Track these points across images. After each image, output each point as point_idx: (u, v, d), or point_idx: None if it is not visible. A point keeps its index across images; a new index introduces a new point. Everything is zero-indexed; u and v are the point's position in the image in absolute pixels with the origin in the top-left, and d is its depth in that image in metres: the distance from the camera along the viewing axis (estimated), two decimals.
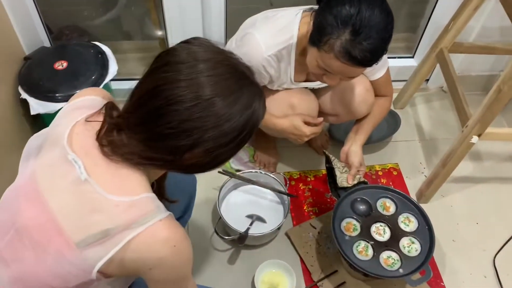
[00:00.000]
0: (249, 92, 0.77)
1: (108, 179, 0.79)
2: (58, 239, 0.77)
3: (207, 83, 0.73)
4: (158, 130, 0.75)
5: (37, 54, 1.65)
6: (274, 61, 1.34)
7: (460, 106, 1.53)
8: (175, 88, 0.73)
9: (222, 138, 0.76)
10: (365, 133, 1.49)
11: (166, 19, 1.69)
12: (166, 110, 0.74)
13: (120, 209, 0.76)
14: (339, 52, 1.12)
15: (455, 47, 1.71)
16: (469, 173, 1.82)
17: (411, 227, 1.40)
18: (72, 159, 0.79)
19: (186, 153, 0.77)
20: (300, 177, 1.75)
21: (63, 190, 0.79)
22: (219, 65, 0.76)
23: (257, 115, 0.79)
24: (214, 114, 0.74)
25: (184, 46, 0.78)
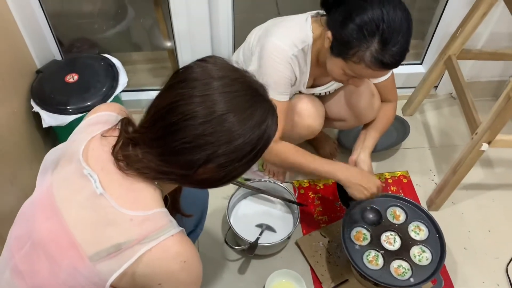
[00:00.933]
0: (262, 109, 0.79)
1: (123, 194, 0.80)
2: (72, 252, 0.78)
3: (221, 99, 0.75)
4: (173, 145, 0.77)
5: (49, 67, 1.67)
6: (298, 61, 1.32)
7: (469, 113, 1.52)
8: (190, 104, 0.75)
9: (235, 154, 0.78)
10: (373, 141, 1.49)
11: (175, 30, 1.71)
12: (181, 125, 0.75)
13: (133, 223, 0.78)
14: (370, 62, 1.13)
15: (463, 54, 1.71)
16: (480, 180, 1.81)
17: (422, 235, 1.39)
18: (87, 174, 0.81)
19: (200, 168, 0.78)
20: (309, 186, 1.75)
21: (79, 204, 0.81)
22: (233, 83, 0.77)
23: (270, 132, 0.81)
24: (227, 130, 0.75)
25: (200, 64, 0.80)
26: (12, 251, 0.87)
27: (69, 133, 1.61)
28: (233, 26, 1.74)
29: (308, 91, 1.47)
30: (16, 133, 1.52)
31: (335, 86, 1.49)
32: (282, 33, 1.31)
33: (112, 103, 0.97)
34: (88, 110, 1.50)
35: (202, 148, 0.76)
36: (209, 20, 1.68)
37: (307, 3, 1.30)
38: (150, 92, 1.94)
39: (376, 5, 1.10)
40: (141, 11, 2.11)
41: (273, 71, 1.30)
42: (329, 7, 1.22)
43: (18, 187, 1.50)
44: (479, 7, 1.54)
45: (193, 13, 1.64)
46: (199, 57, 1.83)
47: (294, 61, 1.31)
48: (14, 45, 1.55)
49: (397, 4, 1.11)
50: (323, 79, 1.46)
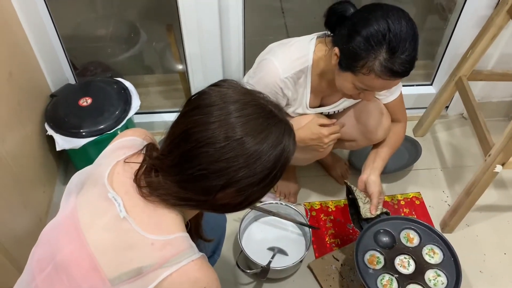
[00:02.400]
0: (278, 130, 0.79)
1: (145, 218, 0.81)
2: (93, 275, 0.79)
3: (236, 124, 0.76)
4: (190, 171, 0.78)
5: (63, 91, 1.70)
6: (291, 84, 1.36)
7: (482, 135, 1.51)
8: (205, 130, 0.76)
9: (254, 177, 0.78)
10: (383, 161, 1.49)
11: (187, 53, 1.73)
12: (197, 152, 0.76)
13: (155, 247, 0.78)
14: (380, 71, 1.15)
15: (474, 75, 1.71)
16: (494, 202, 1.79)
17: (436, 259, 1.37)
18: (112, 197, 0.82)
19: (219, 193, 0.79)
20: (321, 207, 1.74)
21: (102, 227, 0.81)
22: (247, 106, 0.78)
23: (288, 151, 0.81)
24: (244, 154, 0.76)
25: (213, 89, 0.81)
26: (33, 273, 0.87)
27: (82, 156, 1.65)
28: (243, 49, 1.76)
29: (314, 111, 1.47)
30: (30, 156, 1.54)
31: (344, 105, 1.50)
32: (281, 53, 1.35)
33: (138, 129, 0.99)
34: (101, 133, 1.55)
35: (220, 174, 0.76)
36: (220, 44, 1.71)
37: (316, 26, 1.32)
38: (162, 114, 1.95)
39: (380, 17, 1.13)
40: (153, 35, 2.15)
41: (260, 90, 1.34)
42: (333, 26, 1.25)
43: (31, 210, 1.51)
44: (489, 29, 1.55)
45: (205, 36, 1.66)
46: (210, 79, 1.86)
47: (287, 84, 1.35)
48: (29, 70, 1.59)
49: (401, 15, 1.14)
50: (331, 98, 1.47)
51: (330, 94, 1.45)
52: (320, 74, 1.36)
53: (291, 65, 1.34)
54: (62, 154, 1.72)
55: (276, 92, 1.36)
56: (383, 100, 1.50)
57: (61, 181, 1.77)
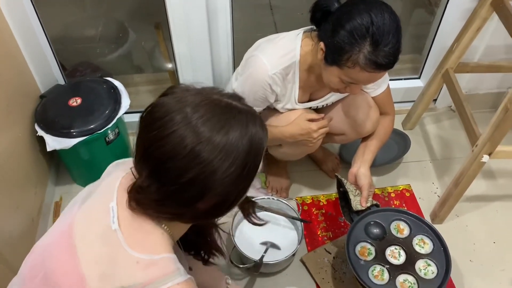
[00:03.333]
0: (239, 121, 0.76)
1: (132, 233, 0.80)
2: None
3: (193, 129, 0.73)
4: (162, 189, 0.76)
5: (52, 92, 1.70)
6: (280, 80, 1.37)
7: (469, 126, 1.53)
8: (163, 146, 0.73)
9: (229, 177, 0.75)
10: (372, 154, 1.50)
11: (175, 52, 1.74)
12: (162, 169, 0.75)
13: (139, 266, 0.77)
14: (365, 64, 1.16)
15: (460, 67, 1.73)
16: (482, 192, 1.81)
17: (426, 249, 1.39)
18: (111, 207, 0.82)
19: (198, 202, 0.77)
20: (312, 202, 1.76)
21: (93, 237, 0.81)
22: (199, 107, 0.75)
23: (257, 139, 0.77)
24: (210, 156, 0.73)
25: (160, 102, 0.77)
26: (25, 279, 0.87)
27: (73, 156, 1.65)
28: (232, 46, 1.77)
29: (302, 106, 1.49)
30: (20, 158, 1.54)
31: (332, 99, 1.51)
32: (269, 50, 1.37)
33: None
34: (91, 133, 1.55)
35: (191, 184, 0.74)
36: (209, 41, 1.71)
37: (304, 21, 1.33)
38: None
39: (363, 10, 1.15)
40: (142, 34, 2.16)
41: (249, 88, 1.38)
42: (318, 21, 1.27)
43: (23, 211, 1.51)
44: (474, 21, 1.57)
45: (193, 34, 1.67)
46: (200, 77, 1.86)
47: (275, 80, 1.36)
48: (18, 71, 1.58)
49: (383, 8, 1.16)
50: (320, 92, 1.48)
51: (318, 89, 1.47)
52: (308, 69, 1.38)
53: (279, 61, 1.35)
54: (53, 155, 1.71)
55: (265, 89, 1.38)
56: (371, 93, 1.51)
57: (53, 181, 1.77)
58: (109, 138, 1.63)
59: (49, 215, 1.69)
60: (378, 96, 1.52)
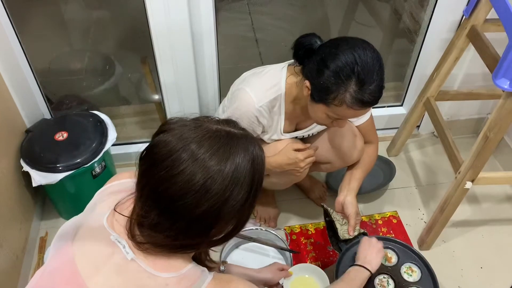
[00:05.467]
0: (241, 147, 0.78)
1: (152, 259, 0.80)
2: None
3: (201, 165, 0.74)
4: (175, 226, 0.77)
5: (38, 126, 1.69)
6: (266, 112, 1.39)
7: (451, 153, 1.56)
8: (174, 184, 0.74)
9: (239, 202, 0.77)
10: (358, 182, 1.52)
11: (162, 83, 1.76)
12: (175, 207, 0.75)
13: (170, 286, 0.78)
14: (351, 103, 1.19)
15: (441, 95, 1.77)
16: (468, 217, 1.83)
17: (415, 277, 1.39)
18: (115, 240, 0.81)
19: (212, 230, 0.79)
20: (301, 231, 1.76)
21: (108, 273, 0.80)
22: (202, 143, 0.75)
23: (259, 158, 0.80)
24: (222, 187, 0.74)
25: (160, 140, 0.77)
26: None
27: (59, 190, 1.64)
28: (218, 77, 1.80)
29: (289, 136, 1.51)
30: (5, 193, 1.52)
31: (317, 128, 1.54)
32: (255, 83, 1.39)
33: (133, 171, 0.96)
34: (78, 167, 1.55)
35: (205, 216, 0.76)
36: (195, 72, 1.74)
37: (289, 53, 1.37)
38: (139, 144, 1.96)
39: (347, 50, 1.17)
40: (128, 67, 2.17)
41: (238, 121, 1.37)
42: (301, 58, 1.30)
43: (7, 247, 1.48)
44: (452, 52, 1.62)
45: (179, 66, 1.69)
46: (186, 108, 1.86)
47: (262, 113, 1.38)
48: (3, 106, 1.58)
49: (366, 46, 1.19)
50: (305, 122, 1.51)
51: (304, 119, 1.49)
52: (293, 101, 1.40)
53: (265, 94, 1.38)
54: (39, 189, 1.69)
55: (252, 121, 1.39)
56: (354, 122, 1.54)
57: (38, 216, 1.75)
58: (96, 172, 1.62)
59: (34, 250, 1.67)
60: (361, 125, 1.55)
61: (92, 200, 0.94)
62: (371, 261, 1.28)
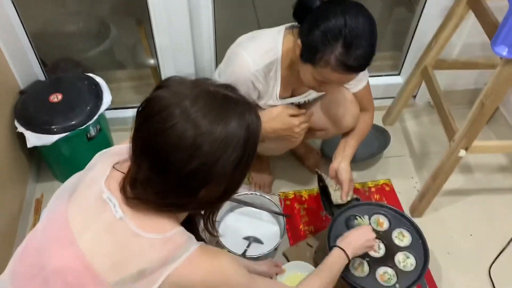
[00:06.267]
0: (237, 111, 0.78)
1: (139, 220, 0.81)
2: (92, 283, 0.78)
3: (194, 121, 0.74)
4: (165, 181, 0.77)
5: (32, 88, 1.68)
6: (262, 77, 1.38)
7: (447, 121, 1.57)
8: (167, 137, 0.74)
9: (230, 164, 0.77)
10: (352, 149, 1.53)
11: (157, 47, 1.73)
12: (166, 161, 0.75)
13: (155, 247, 0.79)
14: (335, 65, 1.18)
15: (439, 64, 1.76)
16: (460, 186, 1.85)
17: (405, 242, 1.42)
18: (107, 198, 0.82)
19: (201, 191, 0.79)
20: (295, 197, 1.78)
21: (97, 231, 0.81)
22: (198, 100, 0.76)
23: (253, 127, 0.80)
24: (214, 146, 0.74)
25: (159, 93, 0.78)
26: (22, 279, 0.84)
27: (54, 152, 1.64)
28: (215, 42, 1.78)
29: (284, 102, 1.50)
30: (0, 154, 1.52)
31: (314, 95, 1.53)
32: (251, 47, 1.37)
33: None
34: (73, 129, 1.54)
35: (195, 174, 0.76)
36: (191, 37, 1.71)
37: (287, 18, 1.35)
38: (135, 109, 1.94)
39: (339, 12, 1.17)
40: (123, 29, 2.14)
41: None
42: (299, 17, 1.29)
43: (3, 209, 1.49)
44: (451, 19, 1.60)
45: (175, 30, 1.67)
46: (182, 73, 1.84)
47: (257, 77, 1.37)
48: None
49: (359, 12, 1.18)
50: (301, 88, 1.50)
51: (300, 85, 1.48)
52: (289, 66, 1.39)
53: (261, 59, 1.36)
54: (34, 152, 1.70)
55: (247, 86, 1.38)
56: (351, 89, 1.53)
57: (34, 178, 1.76)
58: (91, 135, 1.62)
59: (30, 212, 1.68)
60: (358, 92, 1.54)
61: (92, 160, 0.94)
62: (354, 250, 1.25)
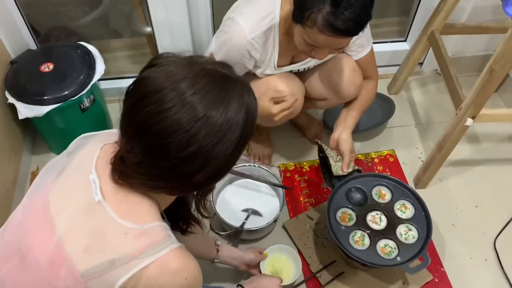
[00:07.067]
0: (236, 92, 0.74)
1: (118, 205, 0.77)
2: (64, 267, 0.75)
3: (194, 102, 0.69)
4: (160, 165, 0.73)
5: (23, 57, 1.62)
6: (259, 44, 1.31)
7: (453, 89, 1.50)
8: (164, 119, 0.69)
9: (229, 148, 0.73)
10: (354, 119, 1.47)
11: (152, 16, 1.67)
12: (162, 145, 0.70)
13: (128, 237, 0.74)
14: (322, 25, 1.11)
15: (446, 29, 1.68)
16: (466, 156, 1.80)
17: (408, 214, 1.38)
18: (92, 179, 0.78)
19: (196, 175, 0.74)
20: (295, 168, 1.73)
21: (74, 212, 0.77)
22: (198, 79, 0.71)
23: (252, 109, 0.76)
24: (213, 130, 0.71)
25: (153, 72, 0.73)
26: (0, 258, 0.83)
27: (47, 124, 1.60)
28: (211, 10, 1.70)
29: (282, 70, 1.43)
30: None
31: (314, 62, 1.46)
32: (247, 12, 1.30)
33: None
34: (65, 100, 1.50)
35: (193, 159, 0.71)
36: (187, 5, 1.64)
37: None
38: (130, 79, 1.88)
39: None
40: None
41: (226, 53, 1.32)
42: None
43: None
44: None
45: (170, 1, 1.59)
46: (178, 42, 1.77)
47: (254, 45, 1.30)
48: None
49: None
50: (301, 55, 1.43)
51: (299, 52, 1.41)
52: (288, 32, 1.32)
53: (258, 25, 1.29)
54: (28, 123, 1.66)
55: (242, 55, 1.32)
56: (354, 56, 1.47)
57: (28, 151, 1.73)
58: (84, 105, 1.57)
59: (26, 185, 1.65)
60: (361, 59, 1.47)
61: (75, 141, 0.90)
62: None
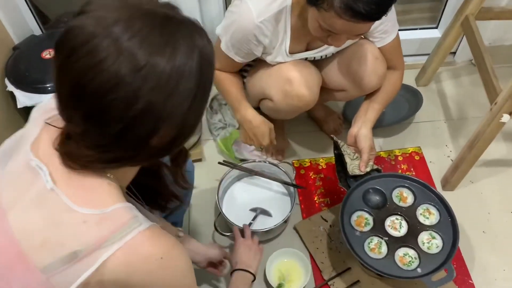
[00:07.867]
0: (183, 34, 0.63)
1: (73, 190, 0.67)
2: (19, 264, 0.66)
3: (132, 47, 0.59)
4: (105, 132, 0.62)
5: (26, 43, 1.57)
6: (268, 29, 1.20)
7: (489, 81, 1.34)
8: (100, 73, 0.59)
9: (185, 102, 0.63)
10: (376, 113, 1.34)
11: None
12: (102, 105, 0.60)
13: (88, 225, 0.65)
14: (340, 8, 0.99)
15: (482, 14, 1.51)
16: (501, 156, 1.63)
17: (432, 219, 1.24)
18: (35, 165, 0.69)
19: (152, 139, 0.64)
20: (310, 165, 1.61)
21: (27, 204, 0.69)
22: (133, 21, 0.60)
23: (207, 52, 0.66)
24: (161, 80, 0.60)
25: (79, 20, 0.61)
26: None
27: None
28: None
29: (296, 57, 1.31)
30: None
31: (332, 49, 1.33)
32: None
33: None
34: None
35: (142, 118, 0.61)
36: None
37: None
38: None
39: None
40: None
41: (231, 36, 1.23)
42: None
43: None
44: None
45: None
46: None
47: (262, 30, 1.19)
48: None
49: None
50: (317, 41, 1.30)
51: (315, 38, 1.28)
52: (302, 14, 1.19)
53: (267, 8, 1.18)
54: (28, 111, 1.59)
55: (249, 40, 1.21)
56: (377, 43, 1.33)
57: None
58: None
59: None
60: (385, 46, 1.33)
61: (30, 117, 0.80)
62: (251, 266, 1.19)
